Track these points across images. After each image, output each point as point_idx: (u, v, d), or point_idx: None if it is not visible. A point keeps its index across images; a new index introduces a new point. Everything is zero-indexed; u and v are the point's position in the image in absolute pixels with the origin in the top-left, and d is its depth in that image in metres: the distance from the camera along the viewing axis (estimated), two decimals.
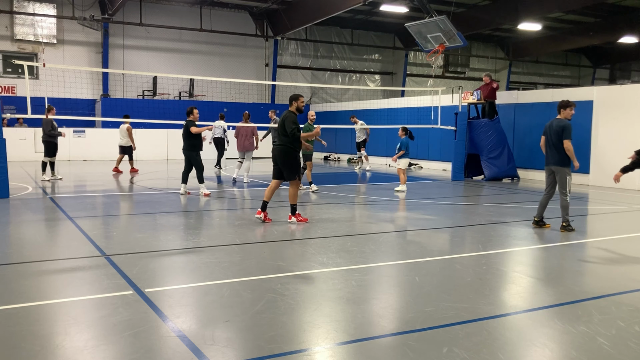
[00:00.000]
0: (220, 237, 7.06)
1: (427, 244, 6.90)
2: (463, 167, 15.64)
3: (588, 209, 10.44)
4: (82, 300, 4.50)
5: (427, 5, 16.88)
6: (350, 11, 24.10)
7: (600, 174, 13.97)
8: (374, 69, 30.84)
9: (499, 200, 11.20)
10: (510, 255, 6.45)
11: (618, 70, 37.62)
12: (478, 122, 15.56)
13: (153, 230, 7.52)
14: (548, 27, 27.77)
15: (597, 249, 6.85)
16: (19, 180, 13.18)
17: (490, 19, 24.09)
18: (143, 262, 5.69)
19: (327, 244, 6.60)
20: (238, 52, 26.80)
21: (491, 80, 15.58)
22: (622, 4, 23.99)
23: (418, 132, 19.58)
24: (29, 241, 6.78)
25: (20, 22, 22.60)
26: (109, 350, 3.47)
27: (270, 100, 27.71)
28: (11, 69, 22.56)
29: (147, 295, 4.51)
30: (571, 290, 4.90)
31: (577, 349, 3.57)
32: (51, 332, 3.79)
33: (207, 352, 3.43)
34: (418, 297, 4.62)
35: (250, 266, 5.61)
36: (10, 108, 20.58)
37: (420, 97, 19.89)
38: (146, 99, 24.15)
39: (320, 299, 4.57)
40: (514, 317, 4.27)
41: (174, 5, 24.71)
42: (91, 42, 23.89)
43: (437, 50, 16.22)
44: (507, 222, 8.50)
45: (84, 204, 9.96)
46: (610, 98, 14.02)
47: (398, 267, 5.70)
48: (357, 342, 3.66)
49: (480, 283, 5.07)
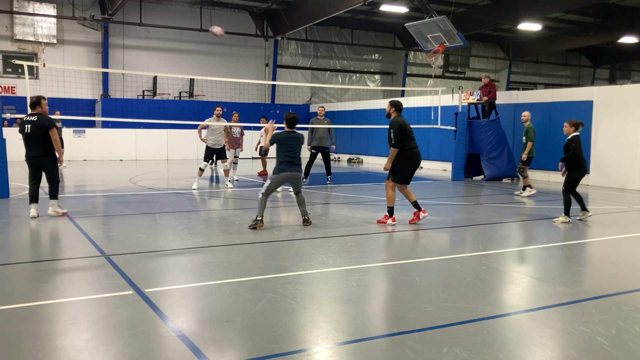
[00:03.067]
0: (220, 237, 7.05)
1: (427, 244, 6.90)
2: (463, 167, 15.64)
3: (588, 209, 10.43)
4: (82, 300, 4.50)
5: (427, 5, 16.88)
6: (350, 11, 24.10)
7: (600, 174, 13.97)
8: (374, 69, 30.84)
9: (499, 200, 11.20)
10: (510, 255, 6.45)
11: (618, 70, 37.62)
12: (478, 122, 15.56)
13: (153, 230, 7.52)
14: (548, 27, 27.76)
15: (597, 249, 6.85)
16: (19, 180, 13.18)
17: (490, 19, 24.09)
18: (143, 262, 5.69)
19: (327, 244, 6.60)
20: (238, 52, 26.80)
21: (490, 80, 15.60)
22: (622, 4, 23.98)
23: (418, 132, 19.61)
24: (29, 241, 6.78)
25: (20, 22, 22.60)
26: (109, 350, 3.47)
27: (270, 100, 27.72)
28: (11, 69, 22.56)
29: (147, 295, 4.51)
30: (571, 290, 4.90)
31: (577, 349, 3.57)
32: (51, 332, 3.79)
33: (207, 352, 3.43)
34: (418, 297, 4.62)
35: (250, 266, 5.61)
36: (10, 108, 20.57)
37: (420, 97, 19.88)
38: (146, 99, 24.15)
39: (320, 299, 4.57)
40: (514, 317, 4.27)
41: (174, 5, 24.71)
42: (91, 42, 23.89)
43: (437, 50, 16.22)
44: (507, 222, 8.50)
45: (84, 204, 9.97)
46: (610, 98, 14.02)
47: (398, 267, 5.69)
48: (357, 342, 3.66)
49: (480, 283, 5.07)
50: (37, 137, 8.04)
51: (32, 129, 8.03)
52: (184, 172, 16.93)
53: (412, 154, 7.87)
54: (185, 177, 15.45)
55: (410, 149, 7.85)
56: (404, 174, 7.94)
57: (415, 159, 7.94)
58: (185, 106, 22.92)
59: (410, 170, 7.98)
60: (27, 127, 8.06)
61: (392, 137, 7.72)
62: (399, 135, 7.70)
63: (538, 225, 8.28)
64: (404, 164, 7.86)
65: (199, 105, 23.32)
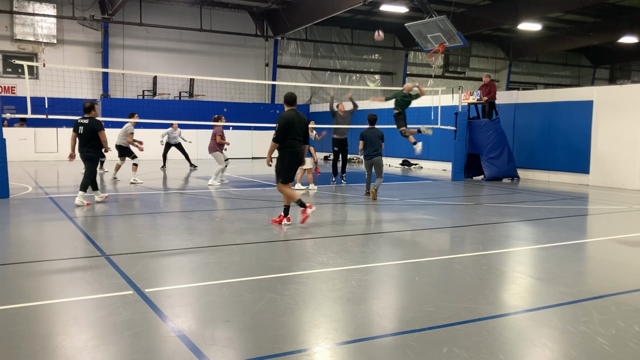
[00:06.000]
0: (220, 237, 7.06)
1: (427, 244, 6.90)
2: (463, 167, 15.64)
3: (588, 209, 10.45)
4: (82, 300, 4.50)
5: (427, 5, 16.88)
6: (350, 11, 24.10)
7: (600, 174, 13.97)
8: (374, 69, 30.84)
9: (499, 200, 11.20)
10: (510, 255, 6.45)
11: (618, 70, 37.62)
12: (478, 122, 15.56)
13: (153, 230, 7.52)
14: (548, 27, 27.77)
15: (597, 249, 6.85)
16: (19, 180, 13.18)
17: (490, 19, 24.09)
18: (143, 262, 5.69)
19: (327, 244, 6.60)
20: (238, 52, 26.80)
21: (490, 80, 15.60)
22: (622, 4, 23.98)
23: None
24: (29, 241, 6.78)
25: (20, 22, 22.60)
26: (109, 350, 3.47)
27: (270, 100, 27.73)
28: (11, 69, 22.56)
29: (147, 295, 4.51)
30: (571, 290, 4.90)
31: (577, 349, 3.57)
32: (51, 332, 3.79)
33: (207, 352, 3.43)
34: (418, 297, 4.62)
35: (250, 266, 5.61)
36: (10, 108, 20.56)
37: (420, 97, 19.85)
38: (146, 99, 24.15)
39: (320, 299, 4.57)
40: (514, 317, 4.27)
41: (174, 5, 24.71)
42: (91, 42, 23.89)
43: (437, 50, 16.22)
44: (507, 222, 8.50)
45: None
46: (610, 98, 14.01)
47: (398, 267, 5.69)
48: (357, 342, 3.66)
49: (480, 283, 5.07)
50: (88, 138, 9.38)
51: (84, 130, 9.39)
52: (184, 172, 16.94)
53: (291, 152, 7.73)
54: (185, 177, 15.46)
55: (291, 147, 7.70)
56: (290, 172, 7.86)
57: (295, 158, 7.78)
58: (185, 106, 22.92)
59: (292, 167, 7.87)
60: (80, 129, 9.44)
61: (275, 131, 7.64)
62: (281, 131, 7.58)
63: (538, 225, 8.28)
64: (287, 162, 7.77)
65: (199, 105, 23.33)
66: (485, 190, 13.04)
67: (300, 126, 7.74)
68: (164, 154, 17.67)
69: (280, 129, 7.57)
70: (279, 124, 7.59)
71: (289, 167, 7.80)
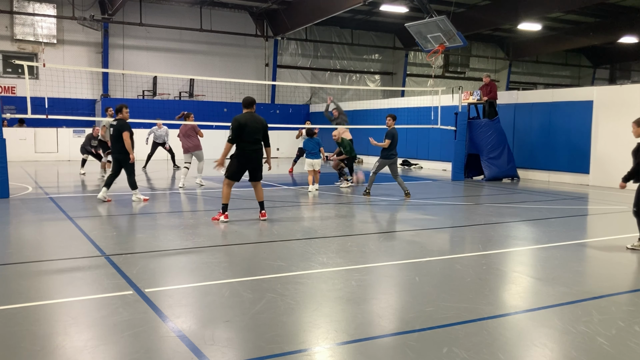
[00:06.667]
0: (220, 237, 7.06)
1: (427, 244, 6.89)
2: (463, 167, 15.63)
3: (588, 209, 10.45)
4: (82, 300, 4.50)
5: (427, 5, 16.88)
6: (350, 11, 24.09)
7: (600, 174, 13.97)
8: (374, 69, 30.84)
9: (499, 200, 11.20)
10: (510, 255, 6.45)
11: (618, 70, 37.62)
12: (478, 122, 15.56)
13: (153, 230, 7.52)
14: (548, 27, 27.77)
15: (597, 249, 6.85)
16: (19, 180, 13.18)
17: (490, 19, 24.09)
18: (143, 262, 5.69)
19: (327, 244, 6.60)
20: (238, 52, 26.80)
21: (491, 80, 15.60)
22: (622, 4, 23.98)
23: (418, 132, 19.66)
24: (29, 241, 6.78)
25: (20, 22, 22.59)
26: (109, 350, 3.47)
27: (270, 100, 27.72)
28: (11, 69, 22.56)
29: (147, 295, 4.51)
30: (571, 290, 4.90)
31: (577, 349, 3.57)
32: (51, 332, 3.79)
33: (207, 352, 3.43)
34: (418, 297, 4.62)
35: (250, 266, 5.61)
36: (10, 108, 20.57)
37: (420, 97, 19.88)
38: (146, 99, 24.15)
39: (320, 299, 4.57)
40: (514, 317, 4.27)
41: (174, 5, 24.71)
42: (91, 42, 23.88)
43: (437, 50, 16.22)
44: (507, 222, 8.50)
45: (84, 204, 9.97)
46: (610, 98, 14.02)
47: (398, 267, 5.69)
48: (357, 342, 3.66)
49: (480, 283, 5.07)
50: (117, 138, 9.66)
51: (114, 131, 9.75)
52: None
53: (244, 152, 7.87)
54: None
55: (243, 149, 7.85)
56: (235, 171, 7.98)
57: (248, 158, 7.91)
58: (185, 106, 22.88)
59: (241, 168, 8.00)
60: (111, 130, 9.87)
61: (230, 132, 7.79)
62: (235, 133, 7.73)
63: (538, 225, 8.28)
64: (236, 162, 7.94)
65: (199, 105, 23.33)
66: (485, 190, 13.04)
67: (256, 128, 7.86)
68: (150, 154, 17.54)
69: (233, 131, 7.76)
70: (232, 126, 7.77)
71: (238, 168, 8.00)
